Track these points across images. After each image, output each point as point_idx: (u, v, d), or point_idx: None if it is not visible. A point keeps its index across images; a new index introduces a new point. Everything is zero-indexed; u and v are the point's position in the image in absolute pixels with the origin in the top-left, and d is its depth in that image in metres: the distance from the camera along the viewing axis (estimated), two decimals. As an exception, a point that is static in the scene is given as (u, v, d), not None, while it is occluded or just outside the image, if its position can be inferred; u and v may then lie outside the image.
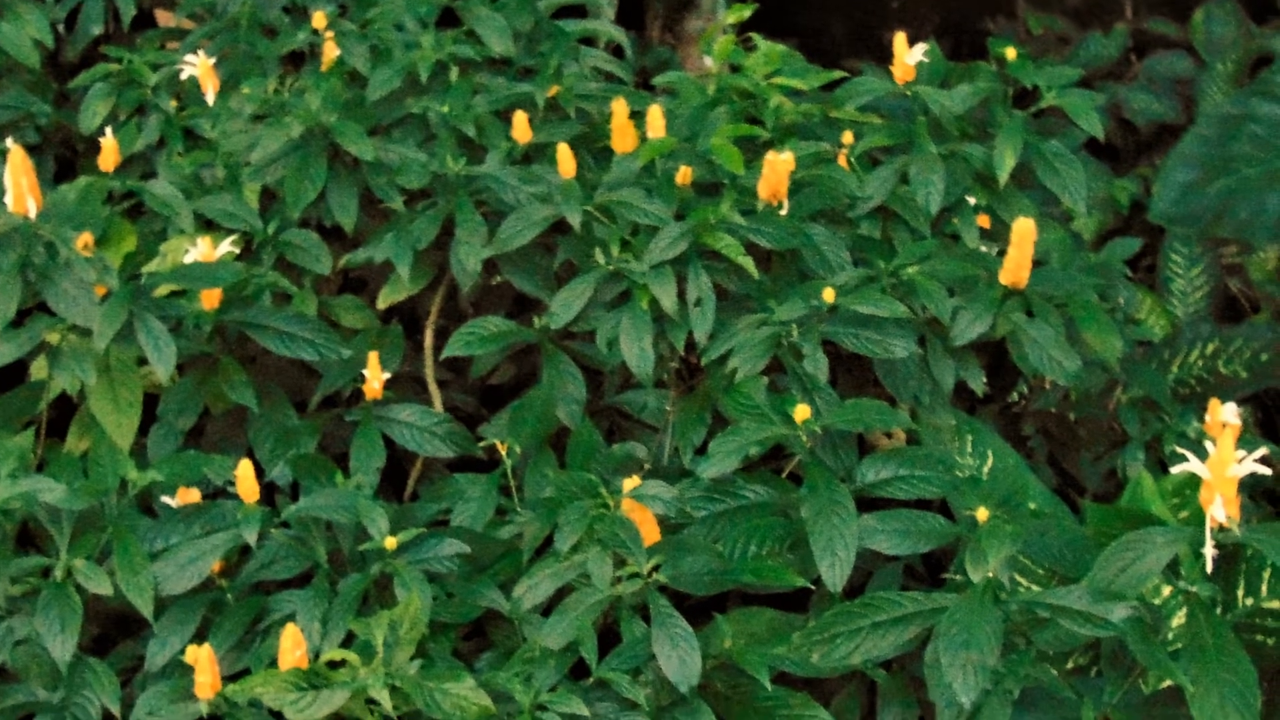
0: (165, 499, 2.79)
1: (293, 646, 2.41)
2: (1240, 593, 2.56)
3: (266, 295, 3.16)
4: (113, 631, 2.78)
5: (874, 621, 2.35)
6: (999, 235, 3.16)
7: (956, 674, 2.18)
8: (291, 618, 2.54)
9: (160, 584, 2.58)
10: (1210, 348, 3.48)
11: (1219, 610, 2.50)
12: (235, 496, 2.66)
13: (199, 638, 2.54)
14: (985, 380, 2.93)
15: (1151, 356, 3.50)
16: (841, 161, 3.26)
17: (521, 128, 3.32)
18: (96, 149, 3.59)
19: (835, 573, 2.48)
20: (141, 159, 3.69)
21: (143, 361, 2.97)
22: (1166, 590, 2.57)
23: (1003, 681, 2.25)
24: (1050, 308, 2.90)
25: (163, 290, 3.01)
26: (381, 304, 3.26)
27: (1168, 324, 3.59)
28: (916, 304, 2.88)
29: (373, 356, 3.00)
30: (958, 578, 2.61)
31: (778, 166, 3.03)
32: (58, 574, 2.56)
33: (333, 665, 2.41)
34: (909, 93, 3.31)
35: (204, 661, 2.39)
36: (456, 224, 3.12)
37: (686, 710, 2.39)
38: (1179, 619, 2.51)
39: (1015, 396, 3.39)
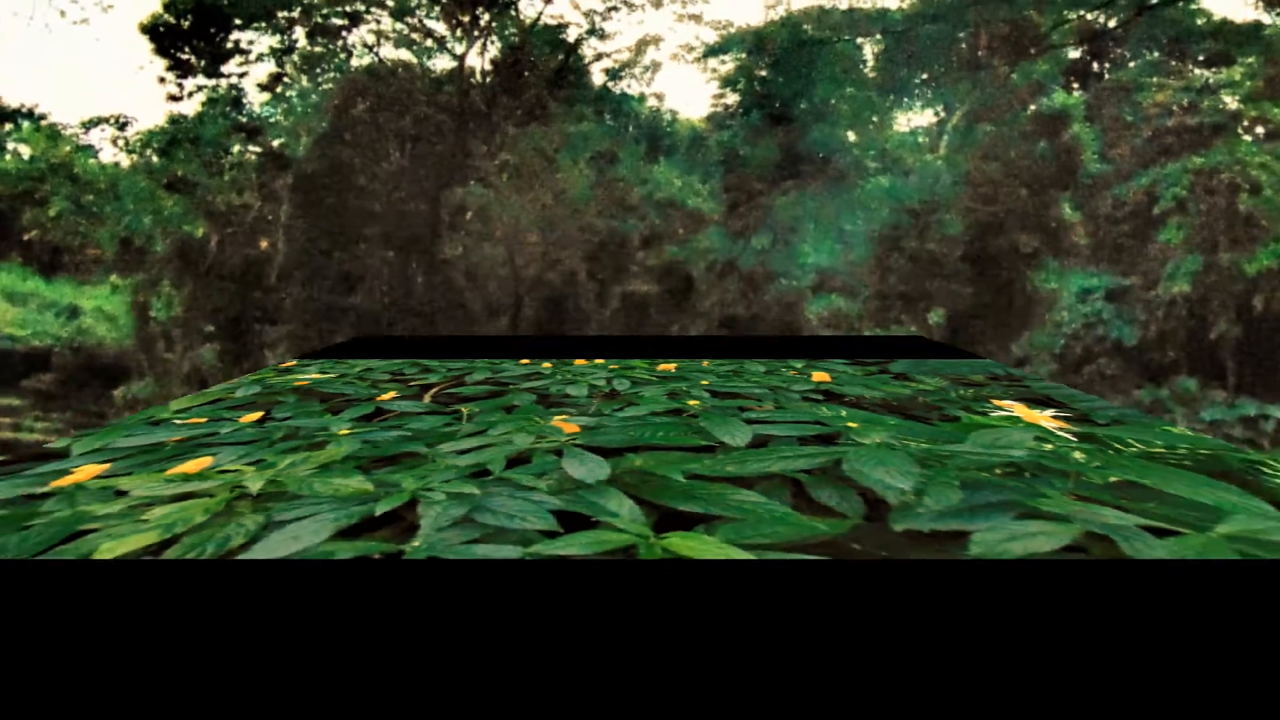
0: None
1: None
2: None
3: None
4: None
5: (782, 455, 1.80)
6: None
7: (883, 475, 1.66)
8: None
9: None
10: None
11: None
12: None
13: None
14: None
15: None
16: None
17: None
18: None
19: (736, 439, 1.94)
20: None
21: None
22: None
23: (939, 475, 1.68)
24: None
25: None
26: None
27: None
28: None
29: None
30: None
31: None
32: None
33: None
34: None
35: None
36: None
37: (593, 490, 1.74)
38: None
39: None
